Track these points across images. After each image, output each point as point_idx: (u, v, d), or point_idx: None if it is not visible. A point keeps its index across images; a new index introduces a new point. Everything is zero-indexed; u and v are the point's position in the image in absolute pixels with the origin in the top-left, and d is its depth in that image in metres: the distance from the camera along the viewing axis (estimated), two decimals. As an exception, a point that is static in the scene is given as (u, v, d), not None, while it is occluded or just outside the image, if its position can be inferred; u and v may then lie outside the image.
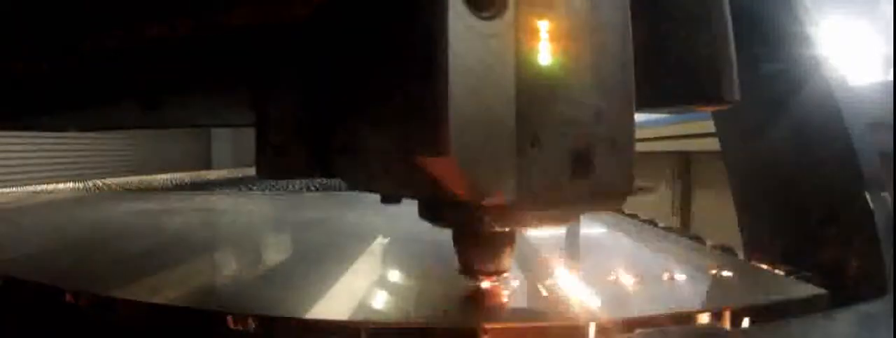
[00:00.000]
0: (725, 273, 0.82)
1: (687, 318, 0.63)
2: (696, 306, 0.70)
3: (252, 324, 0.61)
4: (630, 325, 0.60)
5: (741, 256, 0.99)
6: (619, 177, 0.48)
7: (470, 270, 0.62)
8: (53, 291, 0.71)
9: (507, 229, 0.58)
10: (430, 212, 0.56)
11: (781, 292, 0.73)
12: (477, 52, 0.41)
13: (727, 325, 0.62)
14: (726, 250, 1.01)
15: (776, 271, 0.84)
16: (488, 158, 0.42)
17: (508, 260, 0.62)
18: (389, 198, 0.61)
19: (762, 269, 0.87)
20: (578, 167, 0.46)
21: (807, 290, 0.74)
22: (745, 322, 0.63)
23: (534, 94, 0.44)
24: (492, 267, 0.61)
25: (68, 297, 0.69)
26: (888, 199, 0.83)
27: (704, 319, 0.63)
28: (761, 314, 0.65)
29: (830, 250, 0.85)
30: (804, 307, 0.69)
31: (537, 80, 0.44)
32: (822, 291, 0.72)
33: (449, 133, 0.40)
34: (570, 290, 0.72)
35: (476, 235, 0.59)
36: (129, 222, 1.50)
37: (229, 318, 0.61)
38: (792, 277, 0.81)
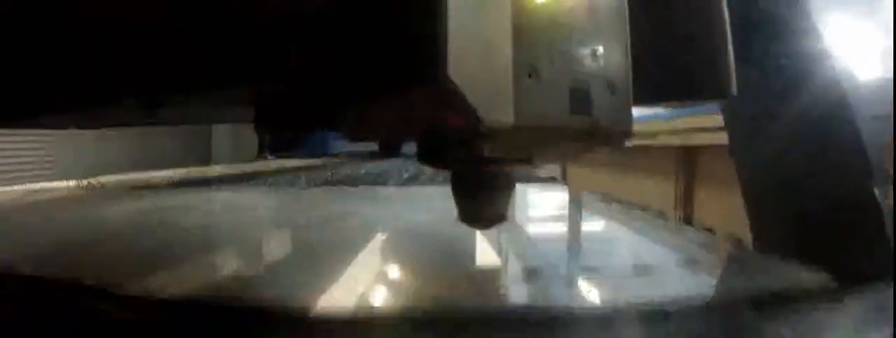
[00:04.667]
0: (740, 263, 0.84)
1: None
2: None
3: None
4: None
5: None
6: (619, 118, 0.49)
7: (468, 216, 0.61)
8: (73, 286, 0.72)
9: (505, 170, 0.57)
10: (429, 154, 0.55)
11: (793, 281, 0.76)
12: None
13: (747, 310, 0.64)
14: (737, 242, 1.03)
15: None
16: (485, 83, 0.42)
17: (507, 207, 0.61)
18: (387, 148, 0.61)
19: (775, 259, 0.89)
20: (577, 102, 0.46)
21: (818, 279, 0.76)
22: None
23: (531, 26, 0.44)
24: (491, 212, 0.60)
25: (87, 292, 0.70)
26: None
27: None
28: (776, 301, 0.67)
29: (838, 242, 0.85)
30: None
31: (534, 12, 0.44)
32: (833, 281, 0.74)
33: (447, 57, 0.40)
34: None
35: (475, 178, 0.58)
36: (135, 221, 1.50)
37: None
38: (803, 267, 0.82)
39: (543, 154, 0.52)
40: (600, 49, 0.48)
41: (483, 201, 0.60)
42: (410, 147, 0.59)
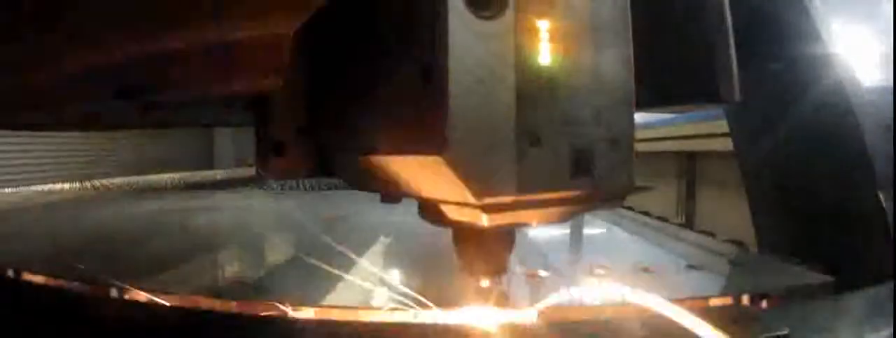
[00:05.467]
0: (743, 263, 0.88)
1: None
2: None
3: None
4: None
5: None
6: (620, 175, 0.48)
7: (469, 268, 0.62)
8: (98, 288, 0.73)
9: (506, 228, 0.58)
10: (430, 212, 0.56)
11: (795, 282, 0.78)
12: (477, 53, 0.41)
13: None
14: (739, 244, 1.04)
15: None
16: (488, 157, 0.42)
17: (508, 259, 0.62)
18: (389, 197, 0.61)
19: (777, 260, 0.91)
20: (579, 166, 0.46)
21: (816, 278, 0.78)
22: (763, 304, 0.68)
23: (534, 93, 0.44)
24: (491, 267, 0.61)
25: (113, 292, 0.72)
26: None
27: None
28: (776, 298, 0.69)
29: (843, 248, 0.85)
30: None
31: (537, 79, 0.44)
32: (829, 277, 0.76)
33: (448, 132, 0.40)
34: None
35: (476, 235, 0.59)
36: (142, 222, 1.52)
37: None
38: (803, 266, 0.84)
39: (543, 217, 0.52)
40: (604, 106, 0.47)
41: (483, 257, 0.60)
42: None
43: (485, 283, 0.65)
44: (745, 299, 0.67)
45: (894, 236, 0.80)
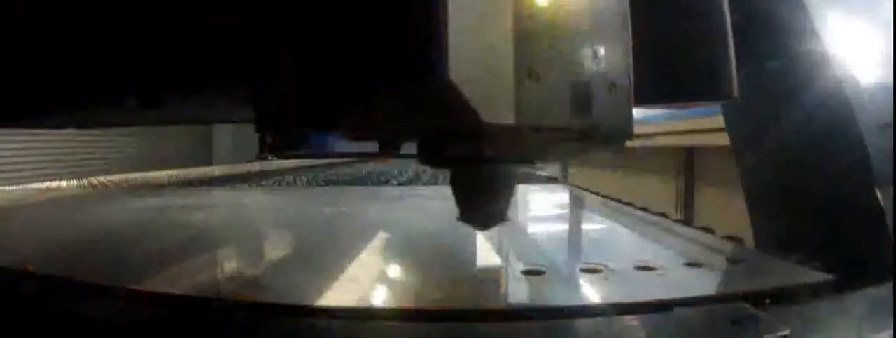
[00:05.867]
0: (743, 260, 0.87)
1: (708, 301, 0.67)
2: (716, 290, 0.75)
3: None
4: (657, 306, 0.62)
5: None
6: (619, 119, 0.49)
7: (469, 215, 0.61)
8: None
9: (506, 169, 0.58)
10: (429, 153, 0.56)
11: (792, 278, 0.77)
12: None
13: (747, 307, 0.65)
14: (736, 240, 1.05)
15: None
16: (486, 84, 0.43)
17: (507, 206, 0.62)
18: (388, 147, 0.61)
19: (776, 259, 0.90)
20: (577, 103, 0.47)
21: (816, 276, 0.78)
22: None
23: (532, 28, 0.45)
24: (491, 211, 0.61)
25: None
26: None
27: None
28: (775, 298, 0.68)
29: (842, 248, 0.86)
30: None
31: (536, 14, 0.45)
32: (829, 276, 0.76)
33: (448, 57, 0.40)
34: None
35: (475, 177, 0.58)
36: (140, 219, 1.52)
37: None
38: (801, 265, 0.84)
39: (543, 154, 0.52)
40: (601, 50, 0.48)
41: (483, 200, 0.59)
42: (410, 147, 0.59)
43: (484, 227, 0.64)
44: (745, 299, 0.67)
45: (894, 236, 0.80)
